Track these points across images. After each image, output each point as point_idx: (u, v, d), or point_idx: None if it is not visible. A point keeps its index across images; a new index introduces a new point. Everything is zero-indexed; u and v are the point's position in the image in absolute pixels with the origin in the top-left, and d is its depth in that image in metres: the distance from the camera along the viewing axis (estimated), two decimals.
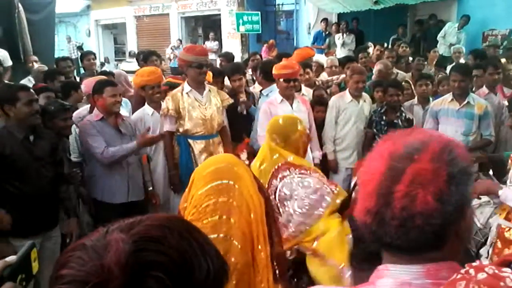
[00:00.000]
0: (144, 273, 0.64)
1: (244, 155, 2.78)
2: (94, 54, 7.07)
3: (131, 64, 12.69)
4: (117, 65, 15.56)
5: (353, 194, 2.48)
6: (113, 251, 0.65)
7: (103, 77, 4.56)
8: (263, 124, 4.34)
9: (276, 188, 2.72)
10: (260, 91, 5.06)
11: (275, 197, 2.71)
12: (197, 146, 4.01)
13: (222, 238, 1.22)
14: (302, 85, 5.08)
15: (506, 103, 3.07)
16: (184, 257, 0.68)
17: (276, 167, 2.78)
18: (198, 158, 3.98)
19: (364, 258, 4.23)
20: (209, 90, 4.11)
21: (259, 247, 1.28)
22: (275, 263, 1.39)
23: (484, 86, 5.05)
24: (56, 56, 9.13)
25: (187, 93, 4.00)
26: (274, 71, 4.38)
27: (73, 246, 0.70)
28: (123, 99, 4.41)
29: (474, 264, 0.73)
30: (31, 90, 3.23)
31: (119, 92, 3.77)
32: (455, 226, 0.86)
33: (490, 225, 3.16)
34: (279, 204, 2.70)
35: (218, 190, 1.29)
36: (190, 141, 4.01)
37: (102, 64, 13.37)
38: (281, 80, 4.30)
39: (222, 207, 1.26)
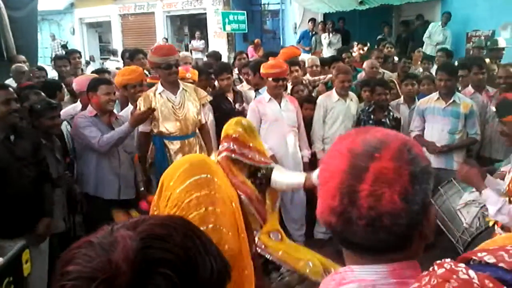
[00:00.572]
0: (152, 270, 0.64)
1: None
2: (80, 52, 7.03)
3: (116, 63, 12.57)
4: (102, 63, 15.39)
5: None
6: (121, 247, 0.65)
7: (95, 75, 4.50)
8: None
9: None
10: (257, 89, 5.05)
11: None
12: (172, 146, 3.97)
13: (211, 229, 1.21)
14: (288, 84, 5.09)
15: (493, 108, 3.09)
16: (189, 255, 0.68)
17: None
18: (173, 159, 3.92)
19: None
20: (184, 89, 4.01)
21: (242, 235, 1.28)
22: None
23: (469, 86, 5.13)
24: (39, 54, 8.99)
25: (159, 93, 3.93)
26: (262, 71, 4.38)
27: (78, 244, 0.69)
28: None
29: (438, 261, 0.75)
30: (10, 88, 3.17)
31: (113, 90, 3.75)
32: (420, 226, 0.86)
33: (477, 224, 3.19)
34: None
35: (198, 184, 1.27)
36: (166, 141, 3.96)
37: (87, 63, 13.17)
38: (270, 79, 4.30)
39: (205, 199, 1.25)
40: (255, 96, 4.97)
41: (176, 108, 3.93)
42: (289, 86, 5.25)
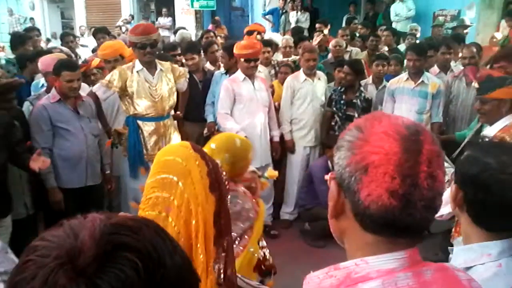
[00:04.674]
0: (117, 253, 0.63)
1: None
2: (39, 30, 6.76)
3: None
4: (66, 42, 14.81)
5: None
6: (89, 226, 0.65)
7: (62, 55, 4.28)
8: (224, 101, 4.30)
9: None
10: (226, 72, 4.86)
11: None
12: (147, 128, 3.90)
13: None
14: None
15: (476, 85, 3.14)
16: (156, 250, 0.67)
17: None
18: (147, 140, 3.90)
19: (320, 236, 4.34)
20: (161, 70, 3.95)
21: (199, 249, 1.25)
22: (221, 266, 1.36)
23: (435, 66, 5.20)
24: None
25: (137, 71, 3.84)
26: (235, 51, 4.33)
27: (51, 227, 0.69)
28: None
29: None
30: None
31: (77, 77, 3.55)
32: None
33: None
34: None
35: (163, 184, 1.26)
36: (140, 122, 3.89)
37: (48, 40, 12.67)
38: (242, 60, 4.25)
39: (163, 202, 1.24)
40: None
41: (152, 89, 3.86)
42: (265, 68, 5.21)
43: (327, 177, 0.95)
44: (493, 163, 1.26)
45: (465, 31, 7.40)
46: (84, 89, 4.04)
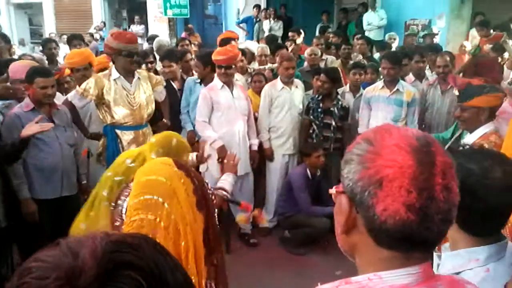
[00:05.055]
0: (119, 272, 0.60)
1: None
2: (6, 36, 6.54)
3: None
4: (33, 48, 14.48)
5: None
6: (90, 243, 0.62)
7: (33, 63, 4.11)
8: (202, 109, 4.25)
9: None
10: (200, 82, 4.85)
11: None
12: (125, 137, 3.83)
13: None
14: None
15: (456, 93, 3.23)
16: (158, 267, 0.65)
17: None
18: (126, 150, 3.79)
19: (300, 243, 4.32)
20: (139, 78, 3.90)
21: (189, 271, 1.22)
22: (212, 284, 1.33)
23: (410, 74, 5.29)
24: None
25: (114, 79, 3.77)
26: (212, 56, 4.31)
27: (47, 246, 0.65)
28: None
29: None
30: None
31: (51, 84, 3.43)
32: None
33: None
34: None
35: (147, 205, 1.22)
36: (118, 131, 3.82)
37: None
38: (216, 66, 4.23)
39: (148, 225, 1.21)
40: None
41: (130, 97, 3.79)
42: (242, 77, 5.20)
43: (332, 191, 0.92)
44: (476, 168, 1.27)
45: (434, 39, 7.62)
46: (58, 98, 3.92)
